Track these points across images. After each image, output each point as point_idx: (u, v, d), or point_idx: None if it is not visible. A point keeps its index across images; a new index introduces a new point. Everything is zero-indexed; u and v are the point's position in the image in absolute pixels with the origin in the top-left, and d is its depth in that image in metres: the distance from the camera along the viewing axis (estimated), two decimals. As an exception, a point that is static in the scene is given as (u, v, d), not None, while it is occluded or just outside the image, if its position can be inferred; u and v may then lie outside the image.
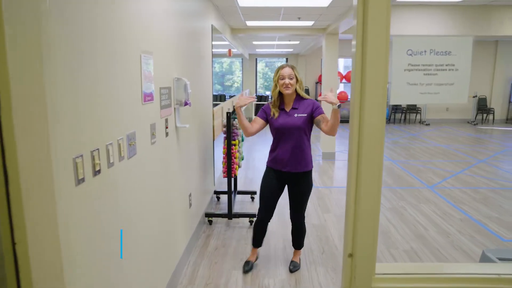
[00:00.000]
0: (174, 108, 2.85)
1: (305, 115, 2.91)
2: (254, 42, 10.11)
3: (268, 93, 14.24)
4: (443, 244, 3.89)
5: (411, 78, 1.04)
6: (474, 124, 13.58)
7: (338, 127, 2.92)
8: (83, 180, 1.46)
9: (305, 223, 3.30)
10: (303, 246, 3.41)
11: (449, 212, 4.80)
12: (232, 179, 4.35)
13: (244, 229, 4.23)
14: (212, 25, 4.95)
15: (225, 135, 4.23)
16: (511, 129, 12.50)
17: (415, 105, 13.83)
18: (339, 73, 13.48)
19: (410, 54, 1.04)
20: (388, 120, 13.75)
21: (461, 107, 14.17)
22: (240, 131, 4.55)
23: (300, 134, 2.92)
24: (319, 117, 2.90)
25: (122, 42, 1.87)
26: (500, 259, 1.76)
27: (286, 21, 6.52)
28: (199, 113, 4.02)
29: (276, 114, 2.97)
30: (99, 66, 1.61)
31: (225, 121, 4.23)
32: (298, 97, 2.98)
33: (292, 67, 2.94)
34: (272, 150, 3.09)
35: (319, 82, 13.68)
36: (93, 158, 1.54)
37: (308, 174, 3.04)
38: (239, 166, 4.56)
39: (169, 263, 2.87)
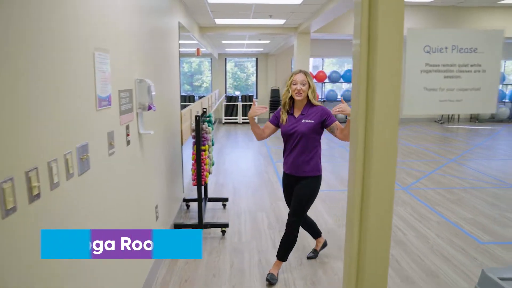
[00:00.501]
0: (137, 113, 2.55)
1: (313, 121, 2.90)
2: (224, 42, 9.84)
3: (237, 93, 14.00)
4: (423, 250, 3.77)
5: (429, 82, 0.81)
6: (441, 123, 13.85)
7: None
8: (14, 209, 1.16)
9: (297, 230, 3.09)
10: (286, 259, 3.18)
11: (425, 215, 4.71)
12: (202, 186, 4.07)
13: (216, 240, 3.97)
14: (179, 22, 4.65)
15: (194, 140, 3.95)
16: (475, 128, 12.82)
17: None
18: (310, 73, 13.41)
19: (428, 52, 0.81)
20: (358, 120, 13.81)
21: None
22: (211, 135, 4.28)
23: (306, 140, 2.92)
24: (332, 125, 2.90)
25: (71, 37, 1.57)
26: (501, 279, 1.60)
27: (257, 19, 6.29)
28: (166, 116, 3.72)
29: (285, 119, 3.00)
30: (39, 65, 1.31)
31: (194, 125, 3.95)
32: (309, 104, 2.97)
33: (306, 73, 2.95)
34: (283, 154, 3.13)
35: (289, 82, 13.56)
36: (28, 180, 1.24)
37: (310, 179, 2.99)
38: (209, 173, 4.28)
39: (135, 281, 2.57)
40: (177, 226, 3.97)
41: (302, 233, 4.14)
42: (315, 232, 3.52)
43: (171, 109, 3.99)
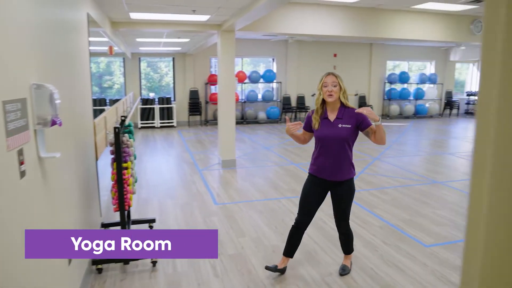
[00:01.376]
0: (35, 131, 1.88)
1: (350, 126, 2.89)
2: (138, 39, 8.99)
3: (152, 95, 13.09)
4: (374, 260, 3.55)
5: None
6: (356, 121, 14.40)
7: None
8: None
9: (350, 229, 3.29)
10: (353, 250, 3.38)
11: (367, 220, 4.56)
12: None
13: (145, 273, 3.33)
14: (88, 14, 3.90)
15: (113, 156, 3.27)
16: (388, 124, 13.52)
17: (304, 104, 14.11)
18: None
19: None
20: (280, 119, 13.77)
21: (343, 105, 14.91)
22: (132, 149, 3.62)
23: (343, 144, 2.91)
24: (367, 129, 2.89)
25: None
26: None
27: (178, 14, 5.68)
28: (76, 130, 3.00)
29: (317, 124, 2.97)
30: None
31: (111, 136, 3.26)
32: (342, 106, 2.94)
33: (336, 76, 2.92)
34: (315, 158, 3.05)
35: (209, 83, 13.02)
36: None
37: (350, 181, 3.05)
38: (133, 193, 3.62)
39: None
40: (96, 262, 3.25)
41: (242, 251, 3.70)
42: (293, 250, 3.29)
43: (81, 120, 3.26)
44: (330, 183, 3.02)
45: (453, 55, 15.69)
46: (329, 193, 3.12)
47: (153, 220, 4.22)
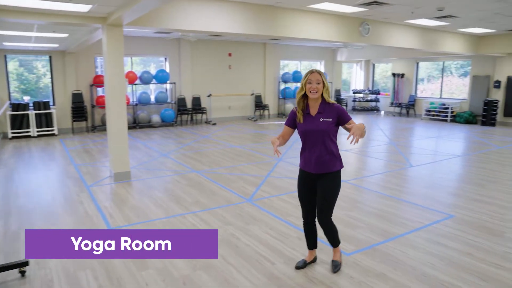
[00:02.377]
0: None
1: (330, 119, 3.02)
2: (1, 32, 7.48)
3: (26, 98, 11.26)
4: (300, 281, 3.20)
5: None
6: (254, 120, 14.34)
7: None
8: None
9: (332, 222, 3.28)
10: (340, 242, 3.40)
11: (283, 231, 4.23)
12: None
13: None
14: None
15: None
16: (283, 123, 13.67)
17: (200, 105, 13.56)
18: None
19: None
20: (175, 122, 13.01)
21: (240, 104, 14.74)
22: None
23: (325, 137, 3.04)
24: (346, 124, 3.01)
25: None
26: None
27: (50, 1, 4.69)
28: None
29: (301, 118, 3.08)
30: None
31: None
32: (324, 102, 3.06)
33: (320, 73, 3.03)
34: (301, 152, 3.20)
35: (94, 84, 11.65)
36: None
37: (334, 174, 3.13)
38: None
39: None
40: None
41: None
42: (313, 243, 3.44)
43: None
44: (315, 176, 3.13)
45: (340, 55, 16.63)
46: None
47: (25, 263, 3.28)
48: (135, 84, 12.37)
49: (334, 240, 3.35)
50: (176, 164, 7.47)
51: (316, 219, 3.28)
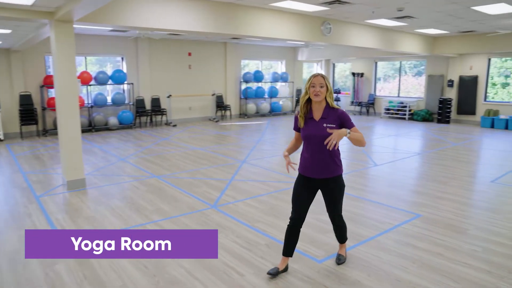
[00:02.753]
0: None
1: (334, 125, 2.97)
2: None
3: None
4: (271, 294, 3.02)
5: None
6: (216, 121, 14.06)
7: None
8: None
9: (343, 219, 3.40)
10: (346, 239, 3.53)
11: (251, 239, 4.03)
12: None
13: None
14: None
15: None
16: (245, 123, 13.53)
17: (160, 106, 13.12)
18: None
19: None
20: (133, 124, 12.49)
21: (201, 105, 14.42)
22: None
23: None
24: (350, 130, 2.95)
25: None
26: None
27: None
28: None
29: (302, 123, 3.07)
30: None
31: None
32: (328, 107, 3.02)
33: (323, 77, 3.00)
34: (303, 157, 3.16)
35: (45, 85, 10.92)
36: None
37: (337, 178, 3.15)
38: None
39: None
40: None
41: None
42: (290, 250, 3.30)
43: None
44: (318, 181, 3.13)
45: (301, 55, 16.68)
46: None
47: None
48: (90, 85, 11.74)
49: (343, 236, 3.49)
50: (135, 169, 7.09)
51: (329, 217, 3.38)
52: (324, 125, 2.97)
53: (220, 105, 14.64)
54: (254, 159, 7.78)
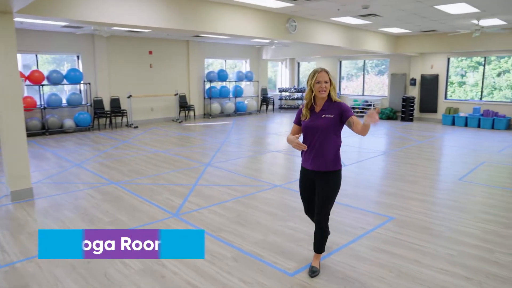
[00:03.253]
0: None
1: (332, 116, 3.01)
2: None
3: None
4: (239, 317, 2.71)
5: None
6: (179, 122, 13.58)
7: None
8: None
9: (328, 228, 3.22)
10: (323, 250, 3.31)
11: (216, 251, 3.70)
12: None
13: None
14: None
15: None
16: (210, 124, 13.15)
17: (120, 107, 12.49)
18: (21, 73, 10.22)
19: None
20: (91, 126, 11.81)
21: (164, 105, 13.89)
22: None
23: (325, 134, 3.01)
24: (349, 120, 2.96)
25: None
26: None
27: None
28: None
29: (308, 116, 3.08)
30: None
31: None
32: (329, 100, 3.06)
33: (327, 72, 3.03)
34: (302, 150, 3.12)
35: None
36: None
37: (333, 174, 3.07)
38: None
39: None
40: None
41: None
42: (320, 246, 3.28)
43: None
44: (314, 173, 3.10)
45: (265, 53, 16.45)
46: None
47: None
48: (43, 85, 10.95)
49: (321, 245, 3.26)
50: (91, 175, 6.56)
51: (314, 219, 3.23)
52: (323, 116, 3.03)
53: (184, 105, 14.16)
54: (219, 162, 7.44)
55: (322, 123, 3.00)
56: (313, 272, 3.23)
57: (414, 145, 9.34)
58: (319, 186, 3.08)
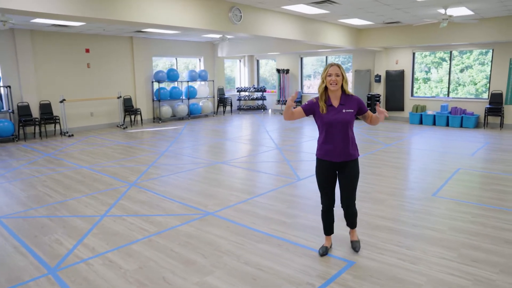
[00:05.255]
0: None
1: (352, 110, 3.22)
2: None
3: None
4: None
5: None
6: (123, 128, 12.09)
7: None
8: None
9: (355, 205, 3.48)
10: (356, 225, 3.58)
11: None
12: None
13: None
14: None
15: None
16: (158, 129, 11.74)
17: (52, 113, 10.87)
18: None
19: None
20: (15, 136, 10.14)
21: (106, 110, 12.36)
22: None
23: (347, 127, 3.21)
24: (365, 114, 3.30)
25: None
26: None
27: None
28: None
29: (325, 109, 3.21)
30: None
31: None
32: (344, 94, 3.23)
33: (339, 66, 3.20)
34: (322, 143, 3.30)
35: None
36: None
37: (356, 161, 3.33)
38: None
39: None
40: None
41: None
42: (330, 228, 3.56)
43: None
44: (338, 164, 3.28)
45: (221, 50, 15.15)
46: None
47: None
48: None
49: (354, 222, 3.54)
50: None
51: (342, 206, 3.43)
52: (344, 110, 3.18)
53: (129, 109, 12.67)
54: (148, 180, 6.10)
55: (346, 117, 3.17)
56: (356, 247, 3.55)
57: (380, 149, 8.30)
58: (346, 174, 3.29)
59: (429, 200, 4.98)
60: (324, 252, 3.48)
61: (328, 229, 3.53)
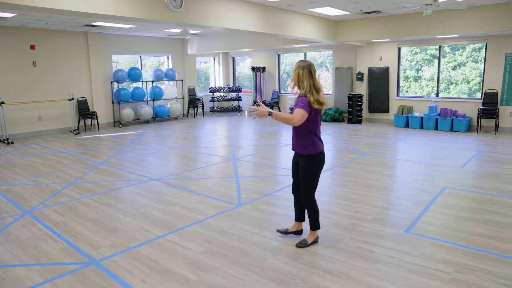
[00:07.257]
0: None
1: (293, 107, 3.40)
2: None
3: None
4: None
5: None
6: (76, 134, 10.79)
7: None
8: None
9: (314, 206, 3.53)
10: (319, 227, 3.58)
11: None
12: None
13: None
14: None
15: None
16: (115, 135, 10.46)
17: (-12, 118, 9.56)
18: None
19: None
20: None
21: (58, 113, 11.05)
22: None
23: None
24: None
25: None
26: None
27: None
28: None
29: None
30: None
31: None
32: (300, 95, 3.38)
33: (297, 66, 3.36)
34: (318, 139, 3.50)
35: None
36: None
37: (308, 157, 3.40)
38: None
39: None
40: None
41: None
42: (297, 215, 3.77)
43: None
44: (296, 154, 3.55)
45: (190, 47, 13.86)
46: None
47: None
48: None
49: (311, 221, 3.56)
50: None
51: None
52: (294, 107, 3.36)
53: (84, 112, 11.35)
54: (49, 206, 4.82)
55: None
56: (300, 242, 3.56)
57: (354, 159, 7.05)
58: (299, 167, 3.53)
59: (399, 239, 3.73)
60: (283, 231, 3.78)
61: (295, 213, 3.78)
